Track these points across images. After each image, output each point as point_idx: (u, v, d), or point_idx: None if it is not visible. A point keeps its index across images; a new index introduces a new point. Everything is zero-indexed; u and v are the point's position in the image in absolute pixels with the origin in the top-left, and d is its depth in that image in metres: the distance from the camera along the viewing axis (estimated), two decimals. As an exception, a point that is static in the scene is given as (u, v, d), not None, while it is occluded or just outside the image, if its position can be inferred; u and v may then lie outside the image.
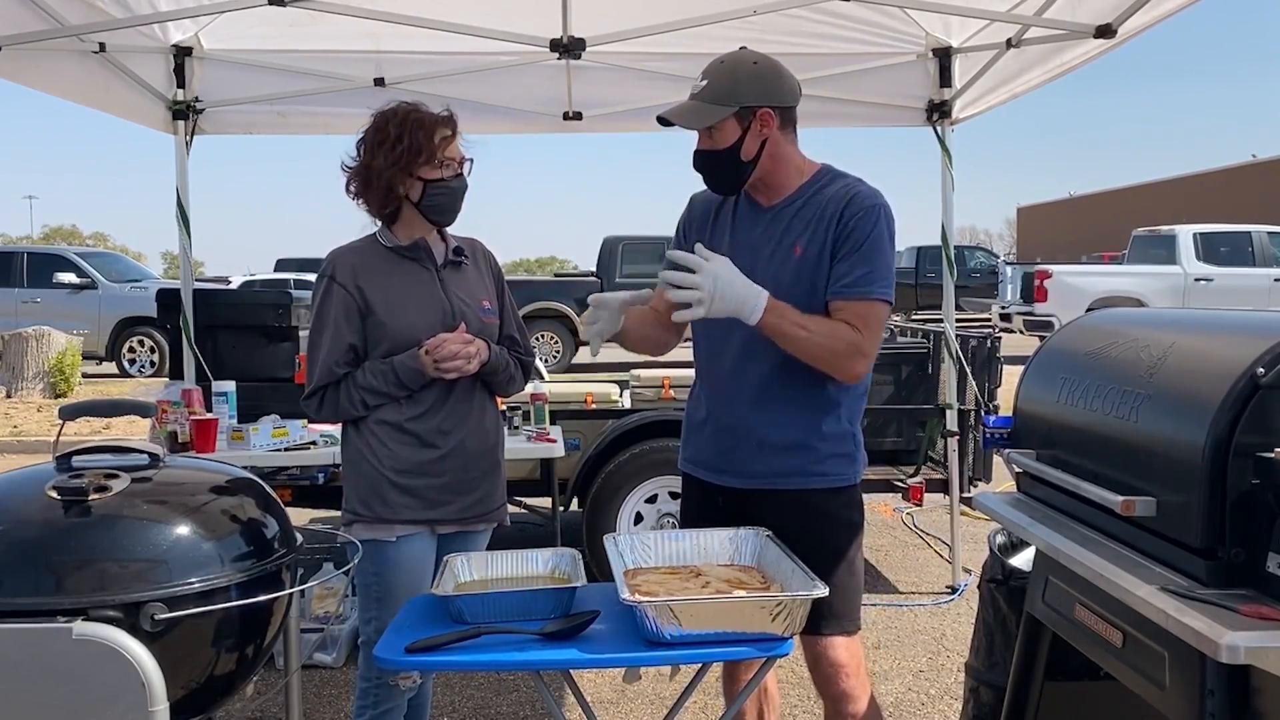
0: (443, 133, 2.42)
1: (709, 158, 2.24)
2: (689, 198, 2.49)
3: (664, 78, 4.53)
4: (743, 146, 2.20)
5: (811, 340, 2.13)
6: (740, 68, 2.20)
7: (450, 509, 2.47)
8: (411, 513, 2.42)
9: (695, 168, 2.28)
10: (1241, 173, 30.15)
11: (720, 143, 2.20)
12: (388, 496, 2.42)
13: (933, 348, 5.07)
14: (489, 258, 2.66)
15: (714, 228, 2.37)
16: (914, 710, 3.54)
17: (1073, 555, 1.83)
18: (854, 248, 2.17)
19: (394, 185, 2.41)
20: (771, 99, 2.20)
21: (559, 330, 14.37)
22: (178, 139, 4.59)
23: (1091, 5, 3.65)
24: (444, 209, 2.47)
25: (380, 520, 2.41)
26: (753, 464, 2.28)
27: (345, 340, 2.42)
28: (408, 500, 2.42)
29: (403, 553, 2.41)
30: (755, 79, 2.19)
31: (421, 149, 2.39)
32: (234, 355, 4.78)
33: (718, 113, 2.18)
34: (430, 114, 2.44)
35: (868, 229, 2.17)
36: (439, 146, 2.41)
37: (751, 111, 2.18)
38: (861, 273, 2.16)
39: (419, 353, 2.39)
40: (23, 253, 15.44)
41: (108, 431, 8.99)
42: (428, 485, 2.43)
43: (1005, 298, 16.32)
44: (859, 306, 2.17)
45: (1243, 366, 1.58)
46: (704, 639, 1.76)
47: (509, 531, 2.78)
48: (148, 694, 1.60)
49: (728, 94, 2.18)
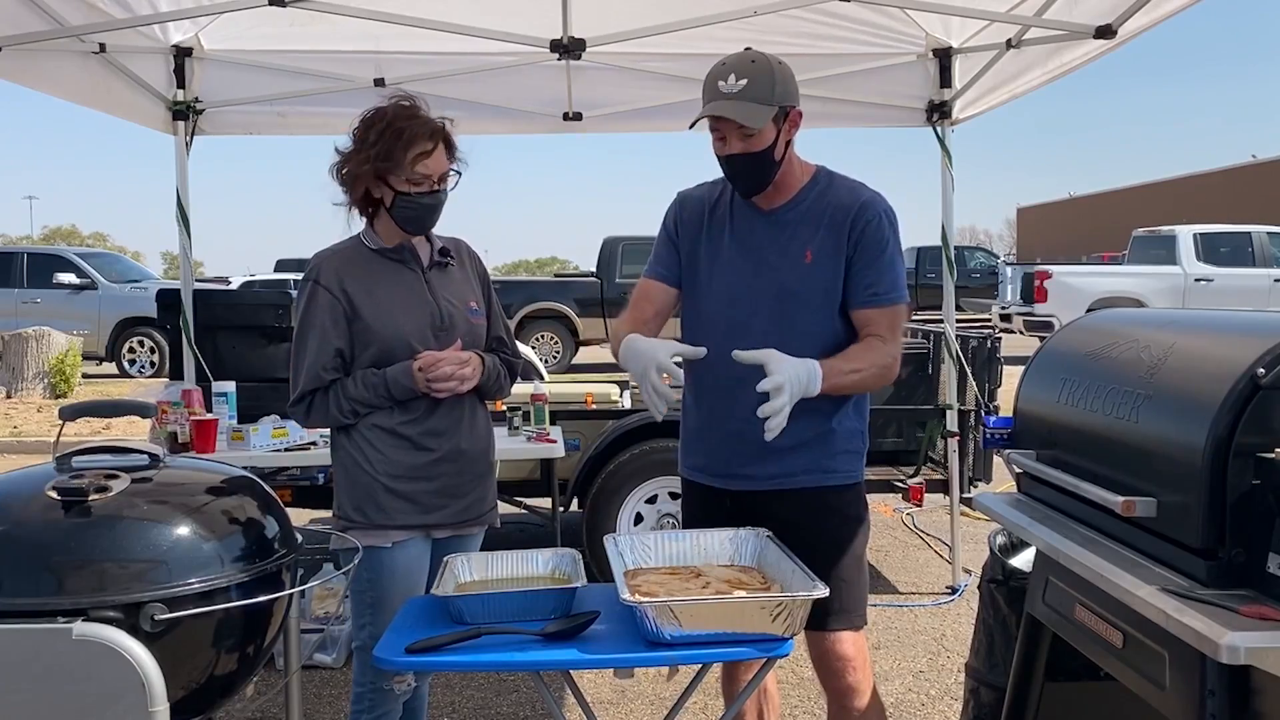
0: (419, 148, 2.31)
1: (749, 160, 2.20)
2: (678, 193, 2.47)
3: (664, 78, 4.53)
4: (776, 147, 2.20)
5: (864, 376, 2.20)
6: (773, 67, 2.18)
7: (445, 513, 2.44)
8: (406, 518, 2.39)
9: (729, 171, 2.25)
10: (1241, 173, 30.15)
11: (757, 144, 2.18)
12: (382, 502, 2.38)
13: (933, 348, 5.07)
14: (474, 258, 2.61)
15: (709, 230, 2.36)
16: (914, 710, 3.54)
17: (1073, 555, 1.83)
18: (876, 256, 2.21)
19: (369, 189, 2.37)
20: (795, 99, 2.21)
21: (559, 330, 14.37)
22: (178, 139, 4.59)
23: (1091, 6, 3.65)
24: (412, 221, 2.39)
25: (375, 526, 2.37)
26: (765, 466, 2.28)
27: (332, 345, 2.36)
28: (402, 505, 2.39)
29: (398, 559, 2.39)
30: (785, 80, 2.19)
31: (391, 159, 2.30)
32: (234, 355, 4.78)
33: (766, 113, 2.15)
34: (412, 123, 2.33)
35: (886, 236, 2.22)
36: (411, 161, 2.31)
37: (784, 112, 2.19)
38: (889, 280, 2.23)
39: (412, 368, 2.34)
40: (23, 253, 15.46)
41: (108, 432, 8.99)
42: (422, 490, 2.40)
43: (1005, 298, 16.33)
44: (890, 313, 2.23)
45: (1243, 367, 1.58)
46: (704, 639, 1.76)
47: (509, 532, 2.78)
48: (148, 694, 1.60)
49: (769, 94, 2.15)
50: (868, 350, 2.21)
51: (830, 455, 2.28)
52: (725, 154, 2.22)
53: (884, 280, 2.22)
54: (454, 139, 2.43)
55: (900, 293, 2.25)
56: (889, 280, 2.23)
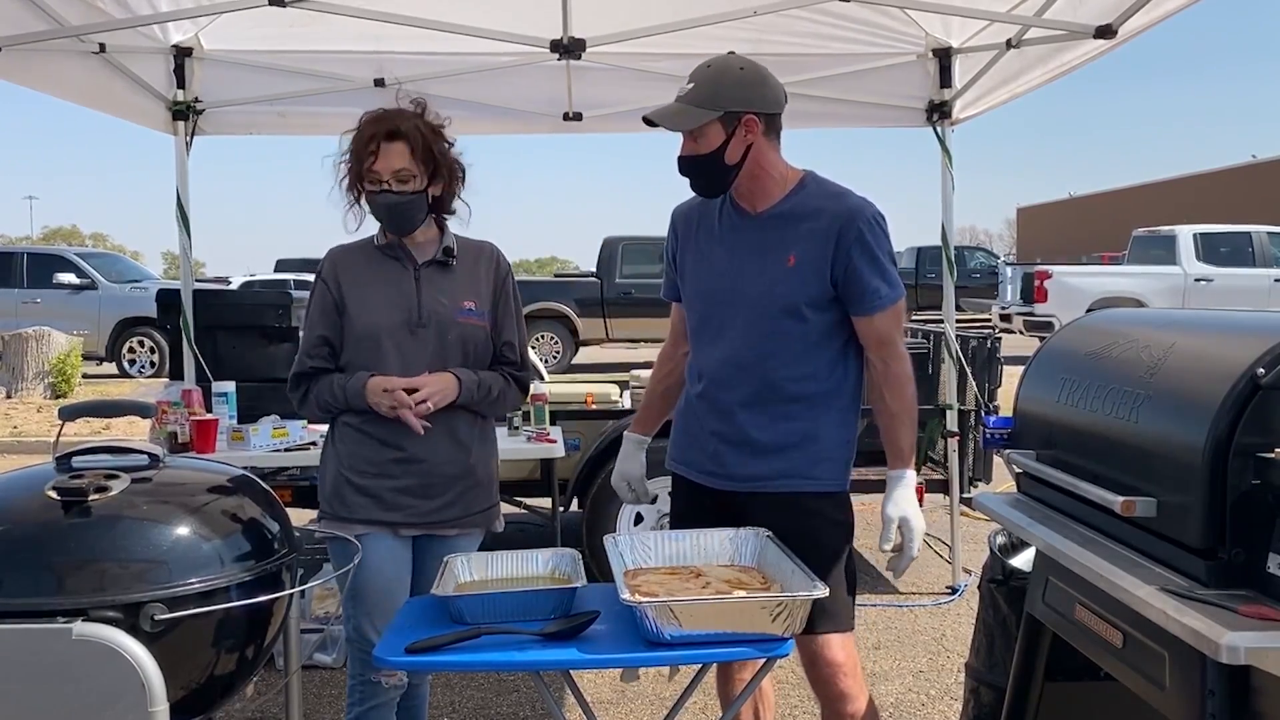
0: (370, 146, 2.36)
1: (692, 162, 2.25)
2: (672, 211, 2.51)
3: (664, 78, 4.53)
4: (727, 151, 2.21)
5: (911, 415, 2.33)
6: (727, 72, 2.21)
7: (409, 512, 2.44)
8: (367, 513, 2.42)
9: (680, 172, 2.29)
10: (1241, 173, 30.14)
11: (704, 147, 2.21)
12: (346, 496, 2.44)
13: (933, 348, 5.07)
14: (494, 261, 2.57)
15: (699, 237, 2.40)
16: (914, 710, 3.54)
17: (1073, 555, 1.83)
18: (873, 261, 2.24)
19: (353, 187, 2.44)
20: (755, 105, 2.21)
21: (559, 330, 14.36)
22: (178, 139, 4.59)
23: (1091, 5, 3.65)
24: (384, 219, 2.44)
25: (339, 519, 2.44)
26: (745, 467, 2.31)
27: (317, 333, 2.46)
28: (363, 500, 2.43)
29: (365, 552, 2.33)
30: (740, 85, 2.20)
31: (354, 158, 2.40)
32: (234, 355, 4.78)
33: (702, 116, 2.18)
34: (372, 124, 2.38)
35: (877, 242, 2.24)
36: (365, 158, 2.37)
37: (736, 117, 2.20)
38: (889, 281, 2.26)
39: (367, 385, 2.38)
40: (23, 253, 15.45)
41: (108, 432, 8.99)
42: (384, 486, 2.43)
43: (1005, 298, 16.32)
44: (893, 312, 2.27)
45: (1243, 367, 1.58)
46: (704, 639, 1.76)
47: (509, 532, 2.78)
48: (148, 694, 1.60)
49: (712, 98, 2.18)
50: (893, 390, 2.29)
51: (813, 462, 2.29)
52: (678, 156, 2.27)
53: (885, 282, 2.25)
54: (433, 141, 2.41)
55: (899, 289, 2.29)
56: (889, 281, 2.26)
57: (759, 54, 4.32)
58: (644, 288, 13.68)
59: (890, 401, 2.29)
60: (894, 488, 2.25)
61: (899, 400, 2.29)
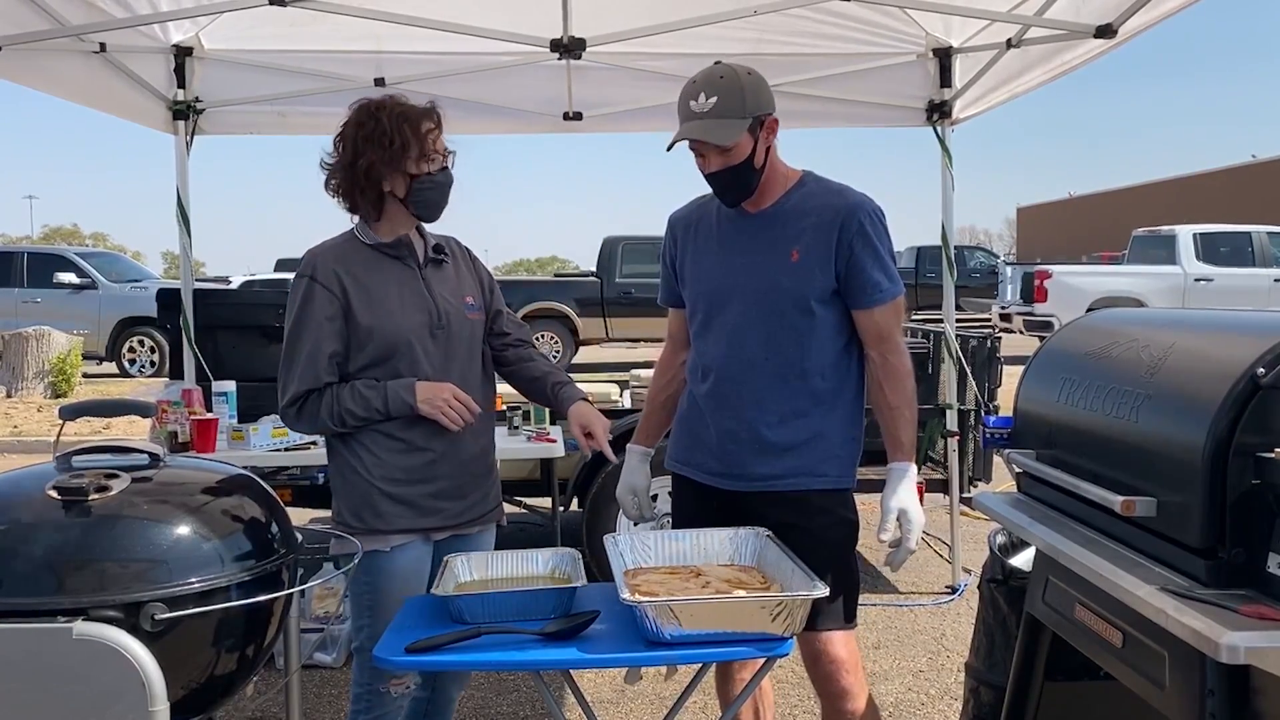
0: (428, 124, 2.33)
1: (728, 174, 2.24)
2: (668, 218, 2.52)
3: (664, 78, 4.53)
4: (755, 156, 2.23)
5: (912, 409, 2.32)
6: (741, 79, 2.22)
7: (444, 515, 2.39)
8: (405, 521, 2.34)
9: (715, 189, 2.29)
10: (1241, 173, 30.13)
11: (735, 157, 2.22)
12: (379, 506, 2.33)
13: (933, 348, 5.07)
14: (468, 253, 2.57)
15: (697, 240, 2.41)
16: (914, 710, 3.54)
17: (1073, 555, 1.83)
18: (874, 256, 2.25)
19: (381, 181, 2.32)
20: (767, 107, 2.24)
21: (559, 330, 14.35)
22: (178, 139, 4.59)
23: (1092, 5, 3.65)
24: (431, 204, 2.37)
25: (373, 531, 2.32)
26: (754, 467, 2.31)
27: (329, 344, 2.29)
28: (399, 509, 2.33)
29: (397, 562, 2.34)
30: (756, 89, 2.22)
31: (409, 143, 2.29)
32: (234, 355, 4.78)
33: (740, 126, 2.19)
34: (413, 106, 2.36)
35: (878, 236, 2.26)
36: (425, 138, 2.32)
37: (759, 121, 2.22)
38: (889, 276, 2.28)
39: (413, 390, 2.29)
40: (23, 253, 15.45)
41: (108, 431, 8.99)
42: (419, 492, 2.35)
43: (1005, 298, 16.31)
44: (894, 306, 2.29)
45: (1243, 367, 1.58)
46: (704, 639, 1.76)
47: (509, 532, 2.78)
48: (148, 694, 1.60)
49: (740, 106, 2.19)
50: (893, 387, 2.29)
51: (821, 460, 2.30)
52: (708, 172, 2.26)
53: (885, 276, 2.27)
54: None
55: (899, 285, 2.31)
56: (889, 275, 2.28)
57: (759, 54, 4.38)
58: (644, 287, 13.67)
59: (890, 395, 2.29)
60: (895, 480, 2.26)
61: (899, 394, 2.29)
